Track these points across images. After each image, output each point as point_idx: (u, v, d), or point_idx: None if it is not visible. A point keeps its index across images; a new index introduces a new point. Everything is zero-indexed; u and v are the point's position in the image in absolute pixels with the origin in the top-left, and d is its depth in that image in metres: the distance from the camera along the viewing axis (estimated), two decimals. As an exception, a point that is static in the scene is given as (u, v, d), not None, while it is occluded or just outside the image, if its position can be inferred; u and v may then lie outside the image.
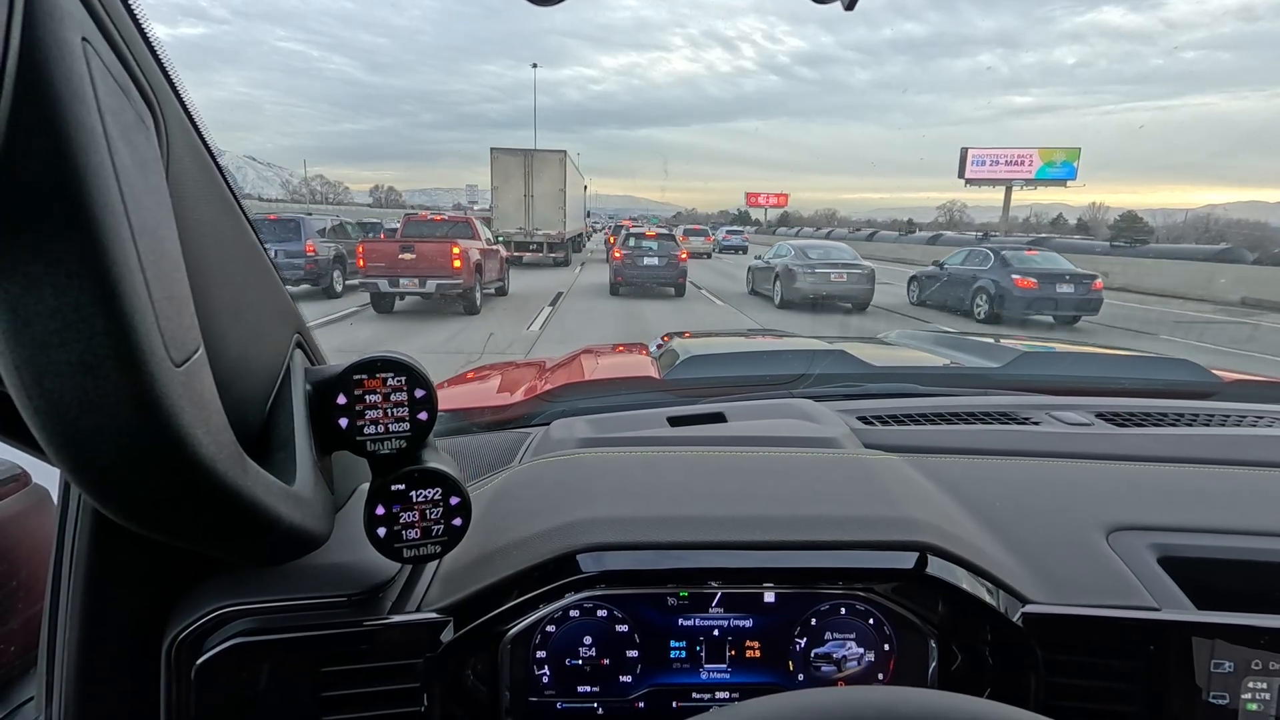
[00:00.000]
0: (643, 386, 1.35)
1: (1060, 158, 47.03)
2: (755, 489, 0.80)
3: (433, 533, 0.60)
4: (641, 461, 0.89)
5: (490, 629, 0.67)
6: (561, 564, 0.67)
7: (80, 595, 0.56)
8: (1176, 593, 0.70)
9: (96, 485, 0.39)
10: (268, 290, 0.63)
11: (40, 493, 0.82)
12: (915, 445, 0.99)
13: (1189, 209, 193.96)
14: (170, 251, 0.40)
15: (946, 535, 0.71)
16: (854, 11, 0.59)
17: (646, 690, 0.72)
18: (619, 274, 14.76)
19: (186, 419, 0.39)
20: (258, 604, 0.60)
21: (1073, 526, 0.78)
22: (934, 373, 1.46)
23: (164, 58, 0.47)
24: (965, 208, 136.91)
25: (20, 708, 0.72)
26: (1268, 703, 0.66)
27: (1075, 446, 0.99)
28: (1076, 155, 47.19)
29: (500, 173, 21.47)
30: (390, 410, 0.57)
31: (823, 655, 0.72)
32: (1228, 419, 1.13)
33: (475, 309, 11.12)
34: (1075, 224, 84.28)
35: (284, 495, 0.50)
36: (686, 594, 0.71)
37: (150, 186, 0.39)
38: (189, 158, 0.50)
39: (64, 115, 0.32)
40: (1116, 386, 1.37)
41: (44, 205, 0.32)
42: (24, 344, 0.33)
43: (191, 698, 0.58)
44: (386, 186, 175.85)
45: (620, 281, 14.74)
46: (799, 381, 1.32)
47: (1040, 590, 0.69)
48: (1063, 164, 46.95)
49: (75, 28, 0.33)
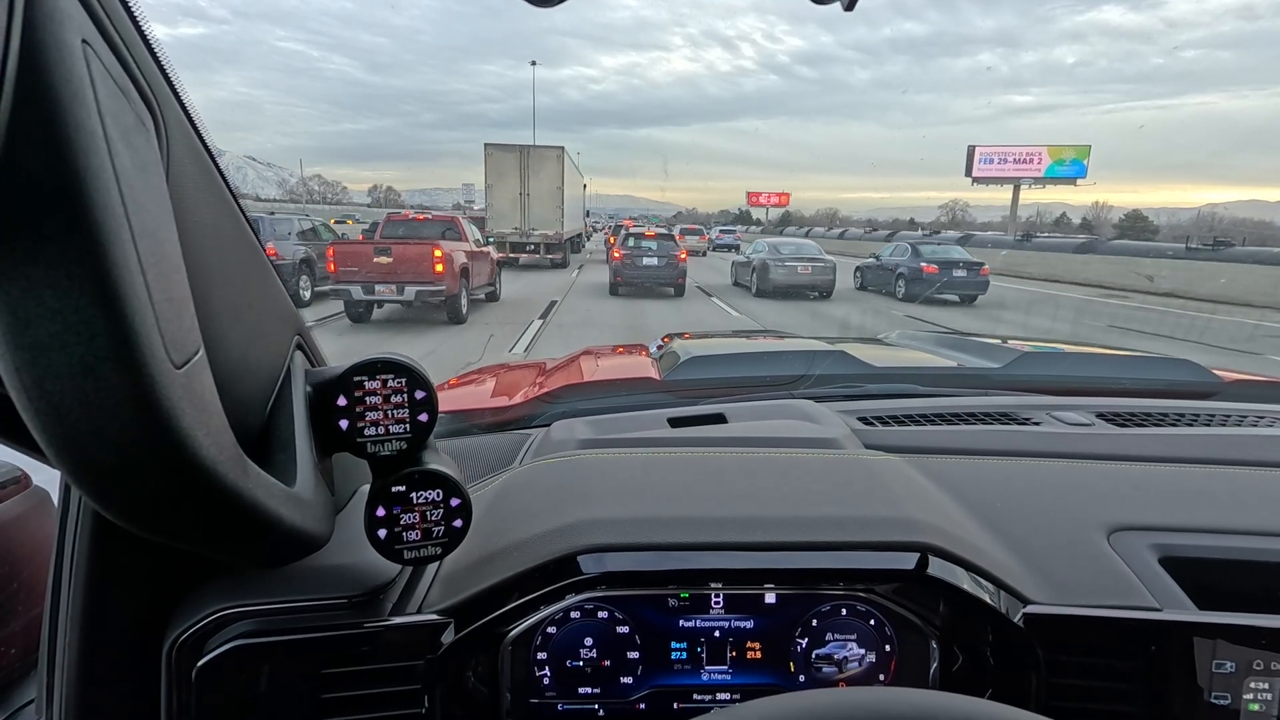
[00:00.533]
0: (643, 388, 1.35)
1: (1070, 156, 46.11)
2: (756, 490, 0.80)
3: (433, 534, 0.60)
4: (642, 463, 0.89)
5: (491, 630, 0.67)
6: (562, 565, 0.67)
7: (81, 597, 0.56)
8: (1178, 593, 0.70)
9: (97, 487, 0.39)
10: (268, 291, 0.63)
11: (40, 495, 0.82)
12: (916, 446, 0.99)
13: (1189, 208, 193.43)
14: (170, 253, 0.40)
15: (947, 536, 0.71)
16: (853, 11, 0.59)
17: (647, 691, 0.72)
18: (618, 274, 14.91)
19: (187, 421, 0.39)
20: (258, 606, 0.60)
21: (1074, 527, 0.78)
22: (934, 373, 1.46)
23: (164, 59, 0.47)
24: (968, 207, 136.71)
25: (21, 710, 0.71)
26: (1269, 703, 0.66)
27: (1076, 447, 0.99)
28: (1086, 153, 46.27)
29: (494, 170, 20.06)
30: (390, 412, 0.57)
31: (824, 656, 0.72)
32: (1228, 419, 1.13)
33: (461, 318, 10.24)
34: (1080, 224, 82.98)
35: (284, 497, 0.50)
36: (687, 595, 0.71)
37: (150, 188, 0.39)
38: (189, 159, 0.50)
39: (64, 117, 0.32)
40: (1117, 387, 1.37)
41: (44, 207, 0.32)
42: (24, 346, 0.33)
43: (192, 700, 0.58)
44: (385, 186, 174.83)
45: (620, 281, 14.88)
46: (799, 382, 1.32)
47: (1041, 591, 0.69)
48: (1072, 162, 46.08)
49: (75, 30, 0.33)
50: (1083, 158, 46.11)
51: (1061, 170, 46.20)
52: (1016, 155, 46.80)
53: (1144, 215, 75.19)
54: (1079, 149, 46.47)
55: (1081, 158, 46.11)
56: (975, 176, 47.20)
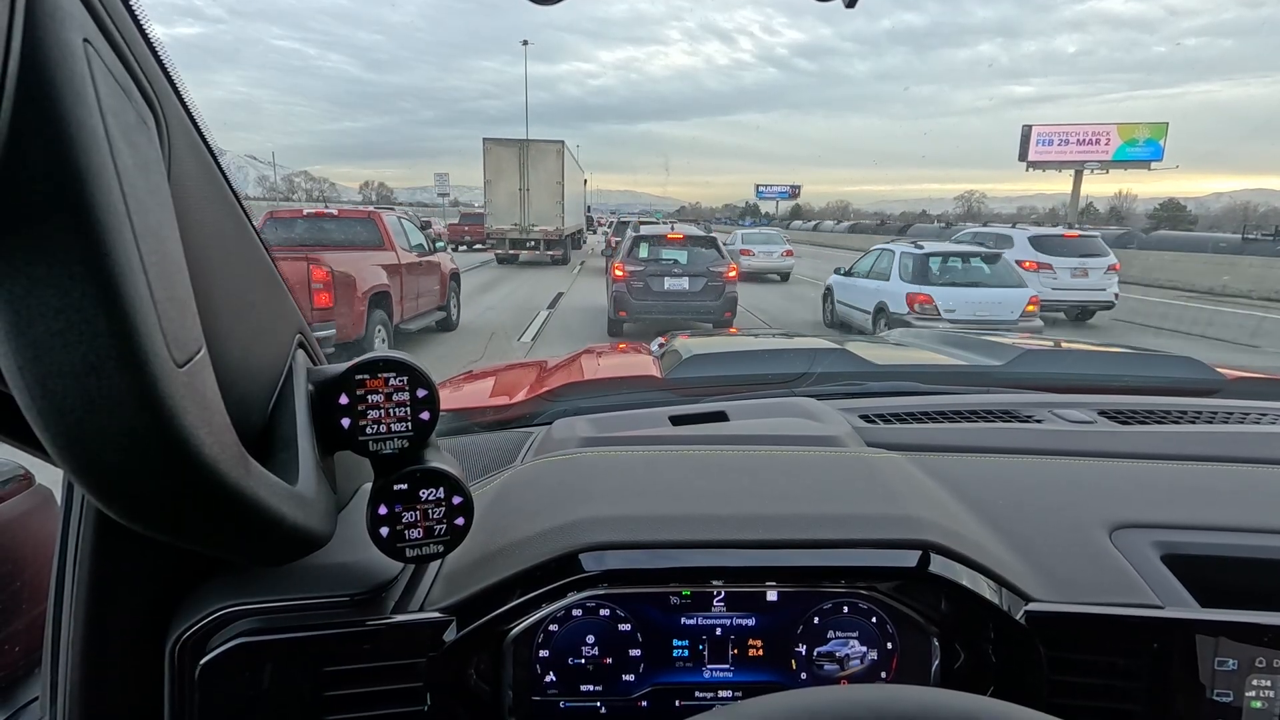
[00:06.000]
0: (644, 385, 1.35)
1: (1144, 135, 38.15)
2: (757, 487, 0.80)
3: (435, 532, 0.60)
4: (643, 460, 0.89)
5: (493, 628, 0.67)
6: (564, 563, 0.67)
7: (84, 596, 0.57)
8: (1180, 590, 0.70)
9: (99, 486, 0.39)
10: (269, 290, 0.63)
11: (44, 493, 0.82)
12: (917, 443, 0.99)
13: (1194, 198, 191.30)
14: (172, 252, 0.40)
15: (949, 533, 0.71)
16: (853, 7, 0.59)
17: (649, 689, 0.72)
18: (622, 305, 8.96)
19: (189, 419, 0.39)
20: (261, 604, 0.60)
21: (1076, 524, 0.78)
22: (936, 371, 1.46)
23: (165, 58, 0.47)
24: (984, 198, 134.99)
25: (25, 708, 0.72)
26: (1272, 700, 0.66)
27: (1078, 444, 0.99)
28: (1163, 132, 38.28)
29: (493, 165, 19.57)
30: (392, 410, 0.57)
31: (825, 654, 0.72)
32: (1231, 416, 1.13)
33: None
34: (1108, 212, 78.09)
35: (287, 495, 0.50)
36: (689, 593, 0.71)
37: (152, 187, 0.39)
38: (190, 158, 0.50)
39: (65, 116, 0.32)
40: (1119, 384, 1.37)
41: (46, 206, 0.32)
42: (27, 345, 0.33)
43: (195, 698, 0.58)
44: (378, 183, 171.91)
45: (624, 317, 9.03)
46: (801, 380, 1.32)
47: (1043, 588, 0.69)
48: (1146, 142, 38.31)
49: (76, 29, 0.33)
50: (1159, 137, 38.28)
51: (1134, 152, 38.59)
52: (1080, 135, 39.19)
53: (1180, 204, 70.59)
54: (1154, 127, 38.70)
55: (1157, 137, 38.27)
56: (1031, 161, 39.73)
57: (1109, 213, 75.89)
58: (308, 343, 0.69)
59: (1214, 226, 48.83)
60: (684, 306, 8.95)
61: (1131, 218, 68.31)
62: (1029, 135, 39.72)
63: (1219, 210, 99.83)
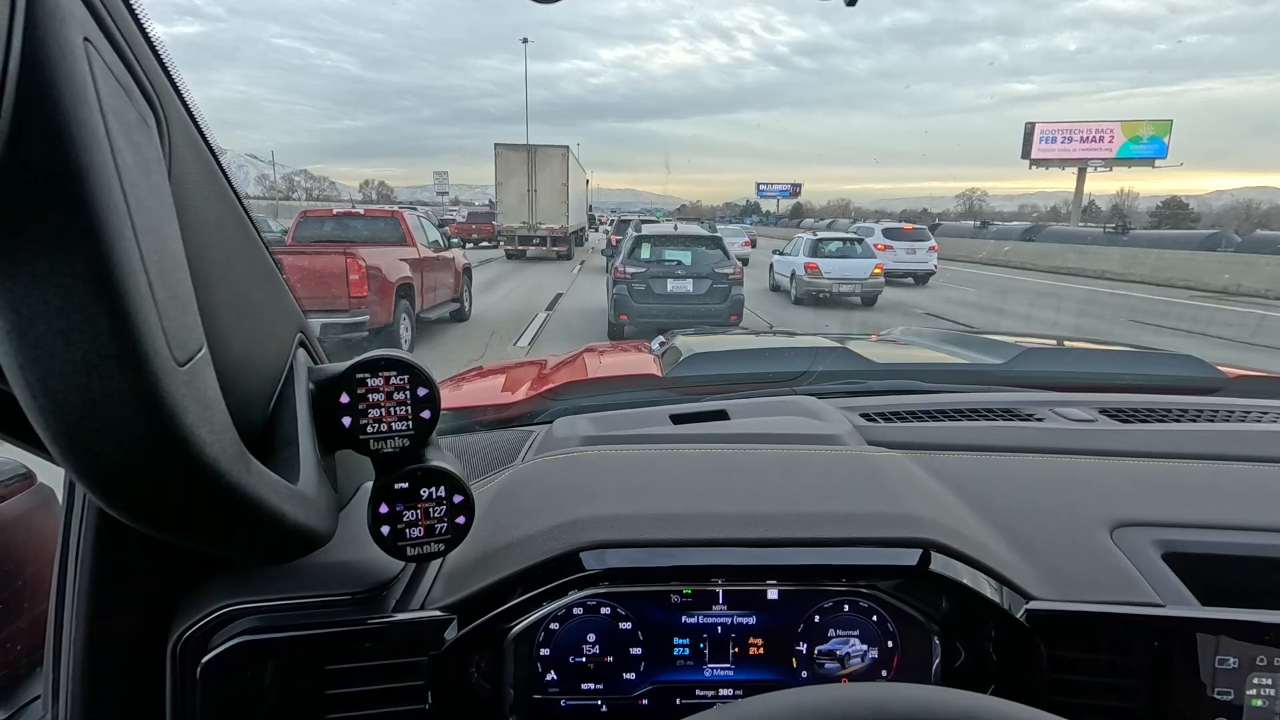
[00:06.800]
0: (645, 384, 1.35)
1: (1148, 132, 38.52)
2: (758, 486, 0.80)
3: (436, 531, 0.60)
4: (644, 459, 0.89)
5: (494, 627, 0.67)
6: (565, 562, 0.67)
7: (85, 594, 0.57)
8: (1181, 589, 0.70)
9: (101, 484, 0.39)
10: (270, 289, 0.63)
11: (45, 492, 0.82)
12: (918, 442, 0.99)
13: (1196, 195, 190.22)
14: (173, 251, 0.40)
15: (950, 532, 0.71)
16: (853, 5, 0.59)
17: (650, 688, 0.72)
18: (623, 308, 8.56)
19: (190, 418, 0.39)
20: (262, 602, 0.60)
21: (1077, 523, 0.78)
22: (937, 369, 1.46)
23: (165, 57, 0.47)
24: (986, 196, 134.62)
25: (27, 706, 0.72)
26: (1273, 699, 0.66)
27: (1079, 443, 0.99)
28: (1167, 129, 38.62)
29: (504, 168, 22.20)
30: (393, 409, 0.57)
31: (826, 652, 0.72)
32: (1232, 414, 1.13)
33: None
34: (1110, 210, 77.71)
35: (288, 494, 0.50)
36: (690, 591, 0.71)
37: (153, 186, 0.39)
38: (191, 157, 0.50)
39: (66, 115, 0.32)
40: (1120, 383, 1.37)
41: (47, 205, 0.32)
42: (28, 344, 0.33)
43: (197, 696, 0.58)
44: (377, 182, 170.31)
45: (625, 320, 8.62)
46: (802, 379, 1.32)
47: (1044, 587, 0.69)
48: (1150, 140, 38.58)
49: (77, 27, 0.33)
50: (1163, 134, 38.59)
51: (1138, 149, 38.95)
52: (1084, 133, 39.65)
53: (1183, 202, 69.91)
54: (1158, 124, 39.08)
55: (1162, 134, 38.59)
56: (1034, 159, 40.15)
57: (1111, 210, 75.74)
58: (309, 341, 0.69)
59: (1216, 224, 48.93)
60: (688, 309, 8.56)
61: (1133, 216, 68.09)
62: (1032, 132, 40.35)
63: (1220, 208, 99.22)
